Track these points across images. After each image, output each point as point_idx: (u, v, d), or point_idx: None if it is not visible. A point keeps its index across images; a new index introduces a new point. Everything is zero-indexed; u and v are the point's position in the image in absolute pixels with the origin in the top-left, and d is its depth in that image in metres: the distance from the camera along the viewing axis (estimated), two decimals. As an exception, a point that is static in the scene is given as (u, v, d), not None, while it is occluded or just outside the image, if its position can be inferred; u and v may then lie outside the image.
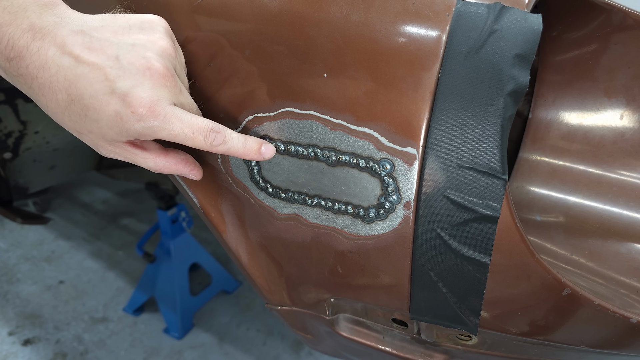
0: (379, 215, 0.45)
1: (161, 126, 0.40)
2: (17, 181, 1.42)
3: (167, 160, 0.45)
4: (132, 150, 0.43)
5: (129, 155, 0.43)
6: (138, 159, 0.44)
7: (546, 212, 0.67)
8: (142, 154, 0.44)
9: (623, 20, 0.59)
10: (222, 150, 0.43)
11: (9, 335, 1.69)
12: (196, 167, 0.48)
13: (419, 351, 0.60)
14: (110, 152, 0.43)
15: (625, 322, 0.45)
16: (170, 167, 0.46)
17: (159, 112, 0.39)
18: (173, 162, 0.46)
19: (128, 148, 0.43)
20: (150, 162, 0.44)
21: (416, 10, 0.43)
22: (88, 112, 0.39)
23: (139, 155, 0.44)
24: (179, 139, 0.41)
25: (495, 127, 0.40)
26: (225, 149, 0.43)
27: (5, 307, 1.81)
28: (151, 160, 0.44)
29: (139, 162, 0.44)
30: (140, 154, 0.44)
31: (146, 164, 0.44)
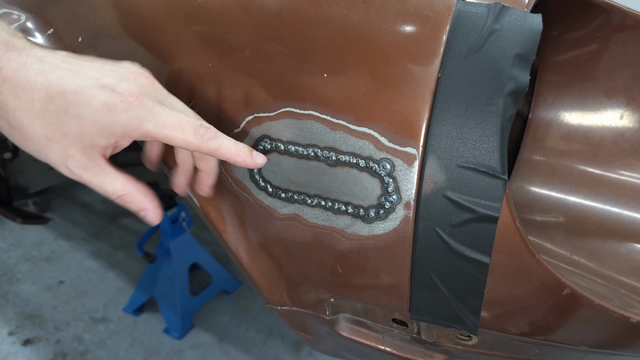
0: (379, 215, 0.45)
1: (149, 116, 0.38)
2: (17, 181, 1.42)
3: (136, 187, 0.42)
4: (103, 166, 0.41)
5: (97, 172, 0.40)
6: (107, 179, 0.41)
7: (546, 212, 0.67)
8: (114, 173, 0.41)
9: (623, 20, 0.59)
10: (212, 146, 0.41)
11: (9, 335, 1.69)
12: (158, 208, 0.44)
13: (419, 351, 0.60)
14: (78, 166, 0.40)
15: (625, 322, 0.45)
16: (136, 197, 0.42)
17: (147, 102, 0.39)
18: (141, 192, 0.43)
19: (100, 162, 0.40)
20: (118, 185, 0.41)
21: (416, 10, 0.43)
22: (69, 108, 0.37)
23: (109, 174, 0.41)
24: (167, 130, 0.39)
25: (495, 127, 0.40)
26: (217, 145, 0.41)
27: (5, 307, 1.81)
28: (119, 184, 0.41)
29: (106, 184, 0.41)
30: (112, 172, 0.41)
31: (113, 187, 0.41)
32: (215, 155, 0.42)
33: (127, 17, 0.55)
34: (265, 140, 0.48)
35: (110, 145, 0.40)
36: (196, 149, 0.40)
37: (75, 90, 0.37)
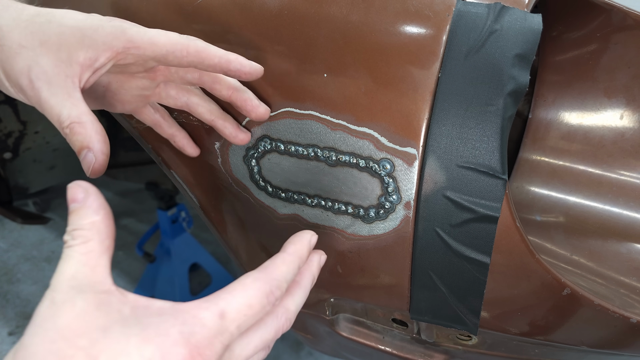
0: (379, 215, 0.45)
1: (132, 25, 0.38)
2: (17, 181, 1.42)
3: (93, 122, 0.36)
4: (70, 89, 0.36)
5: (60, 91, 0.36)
6: (67, 102, 0.36)
7: (546, 212, 0.67)
8: (78, 100, 0.37)
9: (623, 20, 0.59)
10: (200, 45, 0.38)
11: (9, 335, 1.69)
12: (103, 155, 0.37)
13: (419, 351, 0.60)
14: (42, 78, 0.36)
15: (625, 322, 0.45)
16: (87, 130, 0.36)
17: (130, 22, 0.39)
18: (95, 129, 0.36)
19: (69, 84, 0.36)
20: (74, 111, 0.36)
21: (416, 10, 0.43)
22: (54, 18, 0.37)
23: (72, 98, 0.36)
24: (150, 33, 0.38)
25: (495, 127, 0.40)
26: (204, 45, 0.39)
27: (5, 307, 1.81)
28: (77, 110, 0.36)
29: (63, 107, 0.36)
30: (77, 98, 0.37)
31: (69, 112, 0.36)
32: (205, 57, 0.38)
33: (126, 18, 0.54)
34: (265, 140, 0.48)
35: (88, 62, 0.37)
36: (182, 49, 0.38)
37: (63, 10, 0.38)
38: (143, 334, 0.27)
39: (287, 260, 0.36)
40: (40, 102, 0.36)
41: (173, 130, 0.50)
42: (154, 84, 0.46)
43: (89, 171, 0.37)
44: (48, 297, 0.28)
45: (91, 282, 0.29)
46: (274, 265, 0.35)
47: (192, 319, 0.29)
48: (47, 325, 0.27)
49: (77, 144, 0.36)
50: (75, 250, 0.30)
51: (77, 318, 0.27)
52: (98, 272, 0.29)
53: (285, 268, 0.36)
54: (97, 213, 0.31)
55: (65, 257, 0.30)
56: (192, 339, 0.28)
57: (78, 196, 0.32)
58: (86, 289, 0.28)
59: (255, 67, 0.41)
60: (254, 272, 0.34)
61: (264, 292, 0.33)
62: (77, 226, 0.31)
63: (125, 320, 0.28)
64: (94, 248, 0.30)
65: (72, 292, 0.28)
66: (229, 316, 0.30)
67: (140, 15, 0.52)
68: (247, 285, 0.32)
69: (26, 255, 2.09)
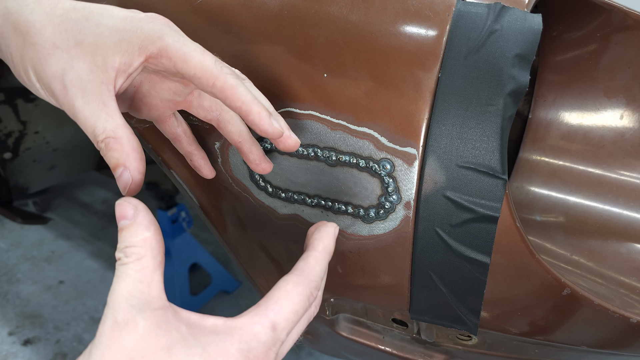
0: (379, 215, 0.45)
1: (172, 32, 0.35)
2: (17, 181, 1.42)
3: (130, 138, 0.35)
4: (105, 98, 0.34)
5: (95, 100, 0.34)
6: (103, 113, 0.34)
7: (546, 212, 0.67)
8: (114, 110, 0.35)
9: (623, 20, 0.59)
10: (230, 82, 0.35)
11: (9, 335, 1.69)
12: (141, 175, 0.35)
13: (419, 351, 0.60)
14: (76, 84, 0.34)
15: (625, 322, 0.45)
16: (124, 147, 0.34)
17: (173, 25, 0.38)
18: (132, 145, 0.35)
19: (104, 92, 0.34)
20: (110, 124, 0.34)
21: (416, 10, 0.43)
22: (91, 16, 0.35)
23: (108, 108, 0.34)
24: (187, 48, 0.35)
25: (495, 127, 0.40)
26: (234, 83, 0.35)
27: (5, 307, 1.81)
28: (113, 123, 0.34)
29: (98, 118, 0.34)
30: (112, 109, 0.35)
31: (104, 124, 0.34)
32: (229, 96, 0.35)
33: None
34: (265, 140, 0.48)
35: (123, 67, 0.35)
36: (210, 78, 0.35)
37: (100, 5, 0.36)
38: (205, 354, 0.28)
39: (320, 258, 0.37)
40: (74, 111, 0.35)
41: (192, 149, 0.48)
42: (187, 89, 0.43)
43: (125, 191, 0.35)
44: (109, 317, 0.28)
45: (148, 299, 0.29)
46: (309, 267, 0.36)
47: (248, 335, 0.30)
48: (114, 347, 0.27)
49: (112, 160, 0.35)
50: (130, 267, 0.30)
51: (142, 339, 0.28)
52: (154, 288, 0.30)
53: (320, 267, 0.36)
54: (148, 229, 0.32)
55: (120, 274, 0.30)
56: (250, 355, 0.30)
57: (128, 213, 0.32)
58: (145, 306, 0.29)
59: (275, 129, 0.36)
60: (292, 276, 0.35)
61: (306, 297, 0.34)
62: (130, 243, 0.31)
63: (186, 340, 0.29)
64: (148, 264, 0.30)
65: (133, 311, 0.28)
66: (279, 326, 0.32)
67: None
68: (290, 292, 0.33)
69: (26, 255, 2.09)
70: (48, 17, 0.34)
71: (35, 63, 0.35)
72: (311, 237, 0.39)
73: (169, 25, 0.37)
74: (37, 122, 1.36)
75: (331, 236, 0.39)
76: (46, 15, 0.34)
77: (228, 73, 0.35)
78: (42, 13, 0.34)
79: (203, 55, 0.35)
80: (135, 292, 0.29)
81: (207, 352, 0.29)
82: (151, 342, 0.28)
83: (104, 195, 2.55)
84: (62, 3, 0.35)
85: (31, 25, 0.34)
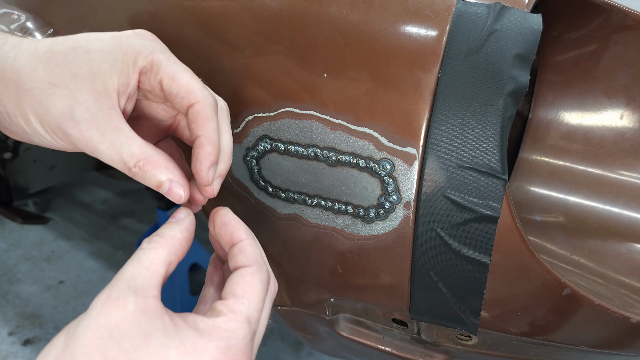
0: (379, 215, 0.45)
1: (163, 49, 0.35)
2: (17, 181, 1.42)
3: (156, 151, 0.35)
4: (117, 122, 0.33)
5: (110, 128, 0.33)
6: (122, 137, 0.33)
7: (546, 212, 0.67)
8: (129, 132, 0.34)
9: (623, 20, 0.59)
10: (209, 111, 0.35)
11: (9, 335, 1.69)
12: (184, 179, 0.36)
13: (419, 351, 0.60)
14: (87, 117, 0.33)
15: (625, 322, 0.45)
16: (159, 162, 0.34)
17: (161, 43, 0.37)
18: (163, 157, 0.35)
19: (114, 116, 0.33)
20: (135, 147, 0.33)
21: (416, 10, 0.43)
22: (78, 45, 0.33)
23: (124, 132, 0.33)
24: (177, 67, 0.35)
25: (495, 127, 0.40)
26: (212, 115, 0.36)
27: (5, 307, 1.81)
28: (137, 145, 0.33)
29: (121, 144, 0.33)
30: (127, 130, 0.34)
31: (130, 149, 0.33)
32: (198, 123, 0.35)
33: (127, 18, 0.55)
34: (265, 140, 0.48)
35: (123, 88, 0.34)
36: (192, 99, 0.35)
37: (81, 34, 0.35)
38: (182, 347, 0.29)
39: (252, 242, 0.37)
40: (94, 145, 0.33)
41: None
42: (174, 112, 0.41)
43: (181, 200, 0.35)
44: (106, 292, 0.30)
45: (146, 286, 0.31)
46: (251, 255, 0.36)
47: (226, 332, 0.31)
48: (100, 320, 0.29)
49: (154, 180, 0.34)
50: (145, 253, 0.32)
51: (126, 320, 0.29)
52: (155, 279, 0.31)
53: (258, 249, 0.37)
54: (182, 233, 0.34)
55: (134, 257, 0.32)
56: (229, 352, 0.30)
57: (180, 215, 0.36)
58: (139, 291, 0.30)
59: (206, 177, 0.36)
60: (245, 268, 0.35)
61: (265, 283, 0.35)
62: (160, 234, 0.34)
63: (166, 330, 0.29)
64: (161, 256, 0.32)
65: (128, 292, 0.30)
66: (252, 318, 0.33)
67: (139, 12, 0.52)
68: (252, 283, 0.34)
69: (26, 255, 2.09)
70: (34, 57, 0.33)
71: (37, 108, 0.33)
72: (226, 234, 0.38)
73: (158, 42, 0.37)
74: (37, 122, 1.35)
75: (235, 220, 0.39)
76: (31, 56, 0.33)
77: (210, 103, 0.36)
78: (26, 56, 0.33)
79: (192, 77, 0.35)
80: (137, 276, 0.31)
81: (184, 345, 0.29)
82: (133, 325, 0.29)
83: (104, 195, 2.55)
84: (42, 42, 0.34)
85: (20, 71, 0.33)
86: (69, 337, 0.29)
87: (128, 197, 2.49)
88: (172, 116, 0.42)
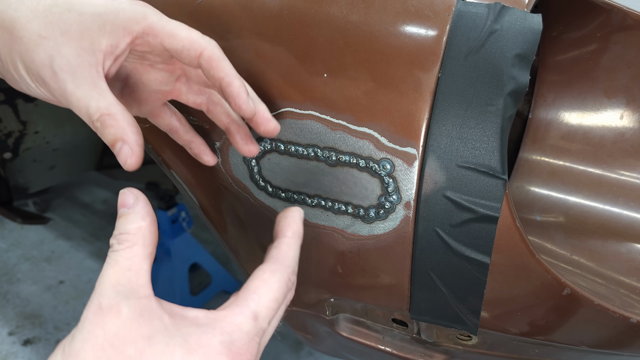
0: (379, 215, 0.45)
1: (154, 12, 0.37)
2: (17, 181, 1.42)
3: (124, 113, 0.35)
4: (95, 79, 0.35)
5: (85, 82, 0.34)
6: (94, 92, 0.34)
7: (546, 212, 0.67)
8: (105, 90, 0.35)
9: (623, 20, 0.59)
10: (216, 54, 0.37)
11: (9, 335, 1.69)
12: (139, 147, 0.36)
13: (419, 351, 0.60)
14: (65, 69, 0.34)
15: (625, 322, 0.45)
16: (119, 122, 0.35)
17: (152, 7, 0.38)
18: (127, 120, 0.35)
19: (93, 74, 0.35)
20: (103, 102, 0.34)
21: (416, 10, 0.43)
22: (73, 7, 0.35)
23: (98, 88, 0.35)
24: (171, 24, 0.36)
25: (495, 127, 0.40)
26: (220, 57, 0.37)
27: (5, 307, 1.81)
28: (106, 101, 0.34)
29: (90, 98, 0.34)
30: (103, 88, 0.35)
31: (97, 103, 0.34)
32: (214, 67, 0.37)
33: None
34: (265, 140, 0.48)
35: (110, 49, 0.36)
36: (198, 49, 0.36)
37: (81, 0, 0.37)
38: (186, 345, 0.29)
39: (292, 243, 0.37)
40: (66, 95, 0.35)
41: (190, 136, 0.48)
42: (173, 77, 0.43)
43: (125, 164, 0.35)
44: (95, 302, 0.29)
45: (135, 287, 0.30)
46: (283, 253, 0.36)
47: (230, 326, 0.30)
48: (97, 332, 0.28)
49: (109, 137, 0.35)
50: (121, 254, 0.31)
51: (124, 326, 0.28)
52: (141, 277, 0.30)
53: (293, 252, 0.37)
54: (144, 219, 0.33)
55: (111, 261, 0.31)
56: (233, 347, 0.30)
57: (128, 201, 0.33)
58: (130, 294, 0.29)
59: (249, 106, 0.38)
60: (268, 264, 0.35)
61: (284, 283, 0.34)
62: (124, 230, 0.32)
63: (168, 330, 0.29)
64: (138, 253, 0.31)
65: (118, 297, 0.29)
66: (261, 315, 0.32)
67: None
68: (269, 281, 0.34)
69: (26, 255, 2.09)
70: (32, 12, 0.35)
71: (23, 55, 0.35)
72: (279, 225, 0.39)
73: (149, 6, 0.38)
74: (37, 122, 1.36)
75: (298, 220, 0.40)
76: (30, 11, 0.35)
77: (216, 45, 0.37)
78: (26, 10, 0.35)
79: (189, 30, 0.37)
80: (122, 279, 0.30)
81: (188, 343, 0.29)
82: (133, 330, 0.28)
83: (104, 195, 2.55)
84: (43, 1, 0.36)
85: (17, 20, 0.35)
86: (66, 354, 0.28)
87: (128, 197, 2.49)
88: (171, 82, 0.44)
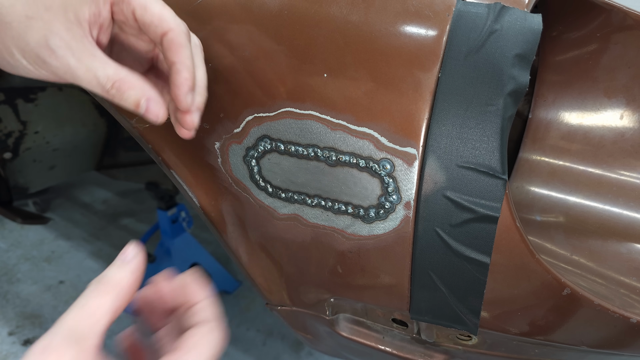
0: (379, 215, 0.45)
1: None
2: (17, 181, 1.42)
3: (131, 72, 0.36)
4: (90, 48, 0.35)
5: (84, 54, 0.35)
6: (96, 62, 0.35)
7: (546, 212, 0.67)
8: (103, 57, 0.36)
9: (623, 20, 0.59)
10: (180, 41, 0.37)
11: (9, 335, 1.69)
12: (161, 98, 0.37)
13: (419, 351, 0.60)
14: (62, 45, 0.35)
15: (625, 322, 0.45)
16: (134, 82, 0.36)
17: None
18: (137, 77, 0.36)
19: (87, 43, 0.35)
20: (110, 70, 0.35)
21: (416, 10, 0.43)
22: None
23: (98, 57, 0.35)
24: (148, 3, 0.36)
25: (495, 127, 0.40)
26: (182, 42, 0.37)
27: (5, 307, 1.81)
28: (111, 68, 0.35)
29: (96, 69, 0.35)
30: (101, 56, 0.36)
31: (104, 72, 0.35)
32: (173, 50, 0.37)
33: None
34: (265, 140, 0.48)
35: (93, 18, 0.36)
36: (165, 28, 0.37)
37: None
38: None
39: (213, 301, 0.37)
40: (71, 70, 0.35)
41: None
42: (151, 45, 0.44)
43: (158, 118, 0.36)
44: (47, 338, 0.29)
45: (88, 333, 0.30)
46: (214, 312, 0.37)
47: None
48: None
49: (131, 99, 0.36)
50: (91, 300, 0.31)
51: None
52: (97, 326, 0.31)
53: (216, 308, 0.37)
54: (132, 274, 0.34)
55: (80, 301, 0.31)
56: None
57: (129, 255, 0.35)
58: (80, 340, 0.29)
59: (186, 100, 0.38)
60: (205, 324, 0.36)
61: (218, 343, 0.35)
62: (108, 277, 0.33)
63: None
64: (105, 303, 0.31)
65: (68, 340, 0.29)
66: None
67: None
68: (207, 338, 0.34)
69: (26, 255, 2.09)
70: None
71: (16, 39, 0.35)
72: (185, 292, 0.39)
73: None
74: (37, 122, 1.36)
75: (193, 280, 0.39)
76: None
77: (183, 31, 0.37)
78: None
79: (163, 7, 0.37)
80: (80, 324, 0.30)
81: None
82: None
83: (104, 195, 2.55)
84: None
85: (0, 6, 0.35)
86: None
87: (128, 197, 2.49)
88: (152, 49, 0.44)
